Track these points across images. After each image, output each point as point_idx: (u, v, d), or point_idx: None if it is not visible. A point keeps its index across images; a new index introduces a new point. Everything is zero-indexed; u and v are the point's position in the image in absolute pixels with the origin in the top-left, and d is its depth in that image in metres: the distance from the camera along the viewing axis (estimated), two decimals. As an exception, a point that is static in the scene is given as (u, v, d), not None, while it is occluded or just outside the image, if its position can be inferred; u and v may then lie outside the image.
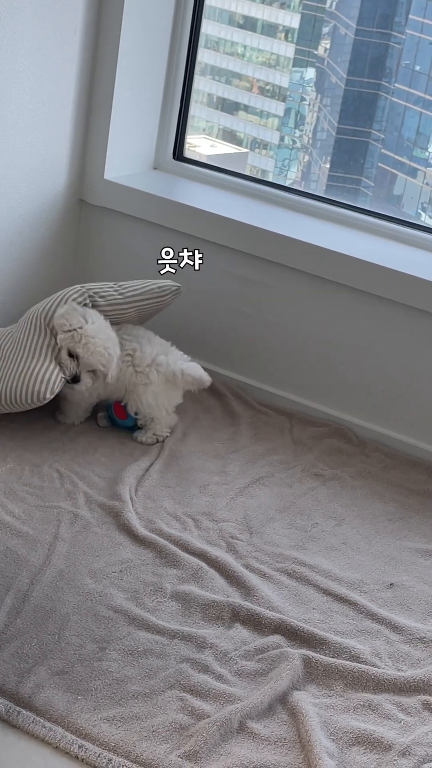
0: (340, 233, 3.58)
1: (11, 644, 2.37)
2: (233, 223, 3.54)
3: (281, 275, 3.51)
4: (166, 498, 3.00)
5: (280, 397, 3.58)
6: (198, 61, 3.82)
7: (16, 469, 3.01)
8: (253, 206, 3.70)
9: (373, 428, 3.45)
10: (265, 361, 3.61)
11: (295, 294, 3.51)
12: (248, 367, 3.64)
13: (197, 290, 3.67)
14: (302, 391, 3.56)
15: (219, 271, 3.62)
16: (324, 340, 3.50)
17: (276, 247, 3.48)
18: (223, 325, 3.66)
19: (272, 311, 3.56)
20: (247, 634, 2.52)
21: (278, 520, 2.97)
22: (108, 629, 2.47)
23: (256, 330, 3.60)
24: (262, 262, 3.53)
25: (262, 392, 3.60)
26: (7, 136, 3.45)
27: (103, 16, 3.57)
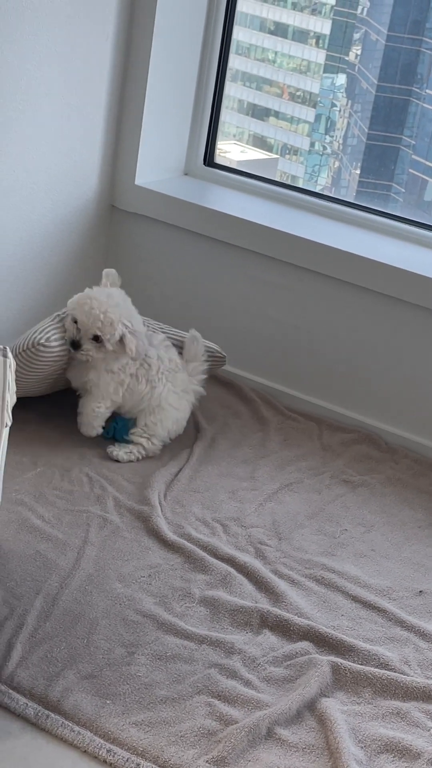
0: (370, 239, 3.57)
1: (40, 648, 2.38)
2: (263, 229, 3.54)
3: (310, 281, 3.51)
4: (194, 503, 3.00)
5: (310, 402, 3.57)
6: (229, 67, 3.82)
7: (46, 474, 3.03)
8: (283, 212, 3.70)
9: (403, 435, 3.44)
10: (294, 366, 3.61)
11: (324, 300, 3.51)
12: (277, 372, 3.64)
13: (227, 296, 3.67)
14: (332, 397, 3.56)
15: (248, 277, 3.62)
16: (353, 346, 3.49)
17: (305, 252, 3.48)
18: (251, 331, 3.66)
19: (302, 317, 3.56)
20: (275, 640, 2.52)
21: (307, 527, 2.97)
22: (136, 634, 2.47)
23: (285, 335, 3.60)
24: (291, 267, 3.53)
25: (291, 398, 3.60)
26: (38, 143, 3.47)
27: (134, 22, 3.59)
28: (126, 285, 3.84)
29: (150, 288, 3.82)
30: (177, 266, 3.74)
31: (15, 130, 3.37)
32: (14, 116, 3.35)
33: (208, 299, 3.72)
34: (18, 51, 3.28)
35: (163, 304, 3.81)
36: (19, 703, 2.24)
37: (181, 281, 3.76)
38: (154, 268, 3.79)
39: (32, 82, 3.36)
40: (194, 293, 3.75)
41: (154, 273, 3.79)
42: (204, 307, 3.73)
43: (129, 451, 3.14)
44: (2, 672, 2.30)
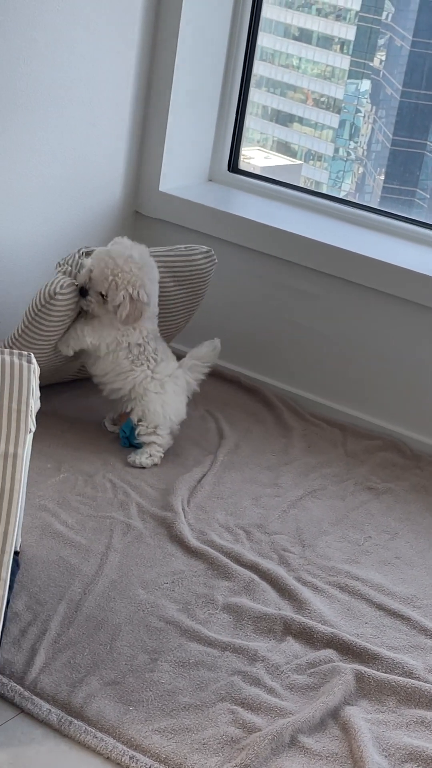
0: (394, 245, 3.56)
1: (64, 653, 2.38)
2: (287, 235, 3.54)
3: (335, 287, 3.50)
4: (218, 509, 2.99)
5: (334, 409, 3.56)
6: (253, 73, 3.82)
7: (70, 479, 3.03)
8: (307, 218, 3.70)
9: (428, 441, 3.43)
10: (318, 372, 3.60)
11: (349, 306, 3.50)
12: (301, 378, 3.63)
13: (251, 301, 3.67)
14: (356, 404, 3.54)
15: (272, 283, 3.61)
16: (377, 353, 3.48)
17: (330, 259, 3.47)
18: (275, 337, 3.66)
19: (325, 323, 3.55)
20: (299, 647, 2.51)
21: (331, 534, 2.96)
22: (159, 640, 2.47)
23: (309, 341, 3.59)
24: (315, 273, 3.52)
25: (315, 404, 3.59)
26: (63, 149, 3.48)
27: (159, 29, 3.59)
28: (150, 291, 3.84)
29: (174, 294, 3.82)
30: (201, 272, 3.74)
31: (40, 136, 3.39)
32: (39, 123, 3.37)
33: (232, 305, 3.72)
34: (43, 58, 3.29)
35: (186, 310, 3.81)
36: (42, 709, 2.24)
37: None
38: (178, 274, 3.79)
39: (57, 89, 3.37)
40: (218, 298, 3.74)
41: (177, 279, 3.80)
42: (228, 313, 3.73)
43: (149, 455, 3.14)
44: (25, 678, 2.30)
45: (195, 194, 3.76)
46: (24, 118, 3.31)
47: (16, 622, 2.45)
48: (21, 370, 2.23)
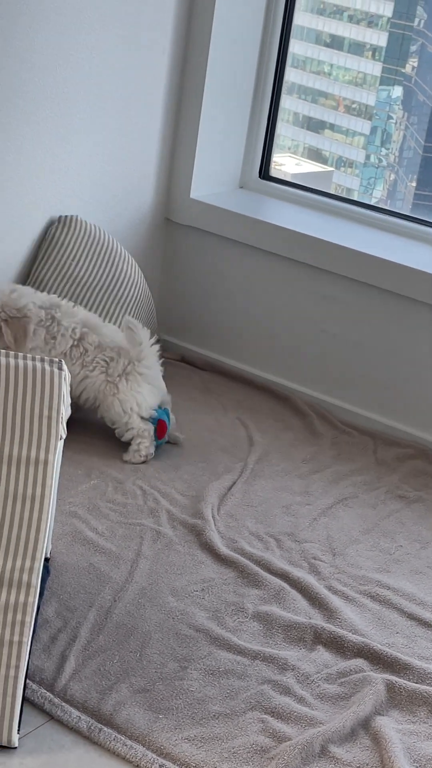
0: (426, 252, 3.54)
1: (93, 661, 2.38)
2: (318, 242, 3.53)
3: (366, 294, 3.49)
4: (248, 517, 2.99)
5: (364, 416, 3.55)
6: (285, 80, 3.82)
7: (100, 486, 3.03)
8: (338, 225, 3.69)
9: (459, 450, 3.41)
10: (348, 380, 3.59)
11: (380, 313, 3.48)
12: (331, 386, 3.62)
13: (281, 309, 3.66)
14: (387, 411, 3.53)
15: (303, 290, 3.61)
16: (409, 360, 3.46)
17: (360, 266, 3.46)
18: (306, 344, 3.65)
19: (357, 330, 3.54)
20: (329, 656, 2.50)
21: (362, 542, 2.94)
22: (189, 648, 2.47)
23: (339, 348, 3.58)
24: (346, 280, 3.51)
25: (345, 412, 3.58)
26: (94, 156, 3.49)
27: (191, 36, 3.60)
28: (181, 297, 3.86)
29: (205, 300, 3.82)
30: (231, 279, 3.74)
31: (72, 143, 3.40)
32: (72, 130, 3.38)
33: (263, 312, 3.71)
34: (75, 65, 3.31)
35: (217, 317, 3.81)
36: (72, 716, 2.24)
37: (235, 294, 3.76)
38: (209, 281, 3.79)
39: (89, 97, 3.38)
40: (248, 306, 3.74)
41: (208, 286, 3.80)
42: (258, 320, 3.73)
43: (135, 451, 3.17)
44: (56, 684, 2.30)
45: (226, 201, 3.76)
46: (56, 126, 3.32)
47: (46, 628, 2.45)
48: (52, 376, 2.23)
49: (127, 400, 3.16)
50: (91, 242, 3.45)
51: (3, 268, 3.36)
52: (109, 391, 3.16)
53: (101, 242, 3.47)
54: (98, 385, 3.16)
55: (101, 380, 3.16)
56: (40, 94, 3.24)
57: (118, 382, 3.16)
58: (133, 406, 3.16)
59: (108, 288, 3.47)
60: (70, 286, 3.41)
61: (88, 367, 3.15)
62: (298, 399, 3.62)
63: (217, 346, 3.83)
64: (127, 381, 3.16)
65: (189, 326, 3.87)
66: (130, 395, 3.16)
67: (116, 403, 3.16)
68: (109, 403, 3.16)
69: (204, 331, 3.85)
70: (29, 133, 3.26)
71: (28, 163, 3.29)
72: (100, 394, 3.17)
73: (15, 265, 3.40)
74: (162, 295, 3.88)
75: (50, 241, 3.41)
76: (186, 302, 3.87)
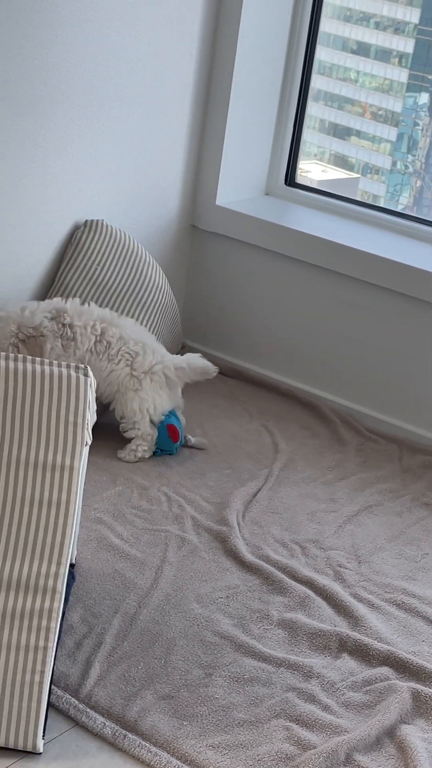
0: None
1: (118, 667, 2.38)
2: (344, 249, 3.52)
3: (392, 301, 3.48)
4: (273, 524, 2.98)
5: (390, 423, 3.54)
6: (311, 86, 3.82)
7: (125, 492, 3.03)
8: (364, 232, 3.68)
9: None
10: (373, 386, 3.58)
11: (407, 320, 3.47)
12: (357, 392, 3.61)
13: (307, 315, 3.66)
14: (413, 419, 3.51)
15: (329, 297, 3.60)
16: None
17: (386, 273, 3.45)
18: (331, 351, 3.64)
19: (382, 337, 3.53)
20: (354, 664, 2.49)
21: (387, 550, 2.93)
22: (214, 655, 2.46)
23: (365, 356, 3.57)
24: (372, 287, 3.50)
25: (371, 419, 3.57)
26: (121, 163, 3.50)
27: (218, 42, 3.61)
28: (206, 304, 3.86)
29: (230, 307, 3.83)
30: (257, 286, 3.74)
31: (99, 150, 3.41)
32: (98, 136, 3.39)
33: (288, 319, 3.71)
34: (102, 72, 3.32)
35: (243, 323, 3.81)
36: (96, 722, 2.24)
37: (261, 301, 3.76)
38: (235, 288, 3.79)
39: (116, 103, 3.40)
40: (274, 313, 3.74)
41: (234, 292, 3.80)
42: (283, 327, 3.72)
43: (131, 450, 3.18)
44: (80, 690, 2.31)
45: (252, 208, 3.76)
46: (82, 132, 3.34)
47: (71, 634, 2.45)
48: (77, 383, 2.24)
49: (146, 399, 3.16)
50: (117, 247, 3.46)
51: (30, 273, 3.38)
52: (131, 386, 3.16)
53: (127, 247, 3.48)
54: (122, 378, 3.17)
55: (126, 373, 3.16)
56: (66, 101, 3.25)
57: (143, 379, 3.16)
58: (150, 407, 3.17)
59: (133, 293, 3.48)
60: (95, 290, 3.42)
61: (114, 360, 3.16)
62: (323, 406, 3.62)
63: (242, 352, 3.83)
64: (152, 380, 3.17)
65: (214, 332, 3.87)
66: (150, 396, 3.16)
67: (136, 399, 3.16)
68: (129, 398, 3.17)
69: (229, 337, 3.85)
70: (56, 140, 3.27)
71: (54, 169, 3.31)
72: (121, 386, 3.17)
73: (40, 271, 3.41)
74: (187, 302, 3.88)
75: (76, 245, 3.42)
76: (211, 308, 3.87)
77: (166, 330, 3.61)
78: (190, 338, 3.88)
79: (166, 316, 3.60)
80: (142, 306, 3.50)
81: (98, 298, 3.41)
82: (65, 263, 3.42)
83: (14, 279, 3.33)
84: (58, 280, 3.42)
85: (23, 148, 3.19)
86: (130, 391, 3.17)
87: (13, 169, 3.19)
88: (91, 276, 3.42)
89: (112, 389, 3.18)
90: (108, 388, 3.18)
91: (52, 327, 3.13)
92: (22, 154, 3.20)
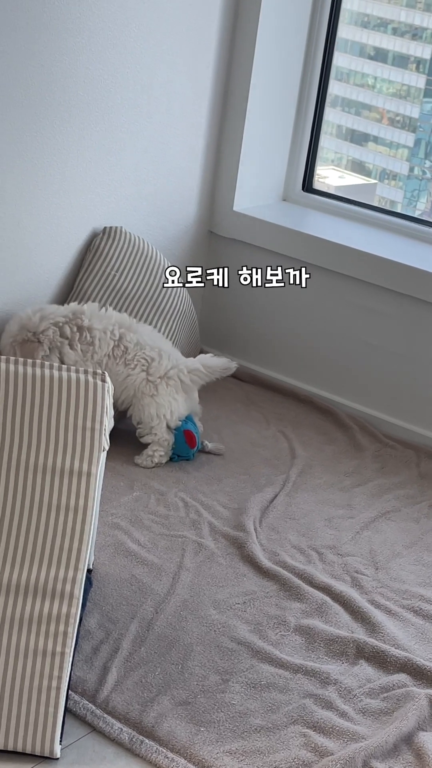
0: (470, 265, 3.52)
1: (135, 672, 2.38)
2: (362, 255, 3.52)
3: (409, 307, 3.47)
4: (290, 530, 2.98)
5: (407, 429, 3.53)
6: (328, 92, 3.82)
7: (142, 498, 3.04)
8: (381, 238, 3.68)
9: None
10: (391, 392, 3.57)
11: (423, 326, 3.46)
12: (374, 398, 3.60)
13: (325, 322, 3.66)
14: (430, 425, 3.51)
15: (347, 302, 3.60)
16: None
17: (404, 278, 3.45)
18: (348, 356, 3.64)
19: (401, 343, 3.52)
20: (371, 671, 2.48)
21: (405, 556, 2.92)
22: (231, 661, 2.46)
23: (383, 361, 3.57)
24: (390, 293, 3.50)
25: (388, 425, 3.56)
26: (139, 169, 3.51)
27: (235, 50, 3.61)
28: (224, 310, 3.86)
29: (248, 313, 3.83)
30: (275, 292, 3.74)
31: (118, 157, 3.42)
32: (117, 143, 3.40)
33: (305, 324, 3.71)
34: (120, 79, 3.33)
35: (260, 329, 3.81)
36: (113, 728, 2.24)
37: (278, 306, 3.76)
38: (251, 293, 3.79)
39: (134, 110, 3.40)
40: (291, 318, 3.74)
41: (252, 298, 3.80)
42: (300, 332, 3.72)
43: (147, 456, 3.18)
44: (97, 696, 2.31)
45: (269, 214, 3.76)
46: (100, 139, 3.35)
47: (88, 639, 2.46)
48: (95, 388, 2.24)
49: (163, 405, 3.16)
50: (135, 253, 3.47)
51: (48, 279, 3.39)
52: (147, 391, 3.17)
53: (145, 253, 3.49)
54: (138, 383, 3.17)
55: (141, 378, 3.17)
56: (85, 109, 3.26)
57: (158, 384, 3.17)
58: (167, 413, 3.17)
59: (151, 299, 3.48)
60: (113, 297, 3.42)
61: (130, 365, 3.17)
62: (340, 412, 3.61)
63: (259, 358, 3.83)
64: (168, 385, 3.17)
65: (231, 338, 3.87)
66: (166, 401, 3.17)
67: (153, 405, 3.17)
68: (145, 403, 3.17)
69: (246, 343, 3.85)
70: (74, 147, 3.28)
71: (73, 176, 3.32)
72: (138, 392, 3.18)
73: (59, 276, 3.42)
74: (205, 307, 3.89)
75: (94, 251, 3.43)
76: (228, 314, 3.87)
77: (184, 337, 3.61)
78: (208, 344, 3.89)
79: (184, 323, 3.60)
80: (160, 313, 3.51)
81: (117, 304, 3.42)
82: (84, 269, 3.43)
83: (33, 284, 3.34)
84: (77, 286, 3.42)
85: (41, 156, 3.21)
86: (147, 397, 3.17)
87: (32, 176, 3.20)
88: (109, 282, 3.43)
89: (128, 394, 3.19)
90: (124, 393, 3.19)
91: (55, 336, 3.13)
92: (40, 162, 3.21)
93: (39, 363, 2.26)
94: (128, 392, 3.19)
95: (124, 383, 3.18)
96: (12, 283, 3.29)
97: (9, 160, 3.13)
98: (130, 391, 3.19)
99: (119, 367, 3.17)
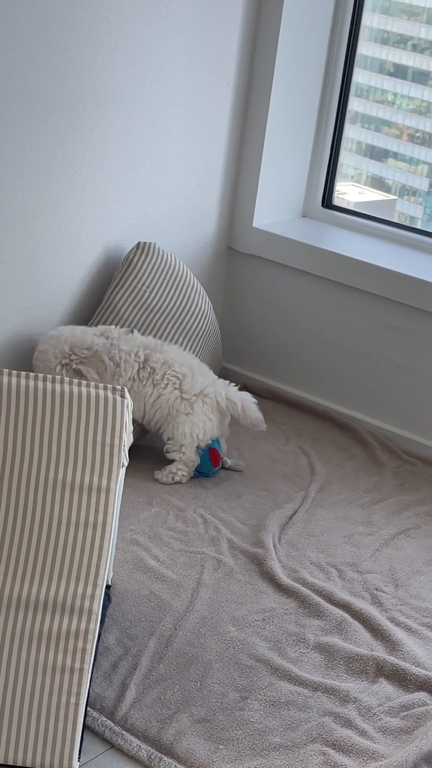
0: None
1: (154, 689, 2.37)
2: (382, 271, 3.51)
3: (429, 323, 3.46)
4: (309, 547, 2.97)
5: (428, 446, 3.52)
6: (348, 108, 3.82)
7: (161, 514, 3.03)
8: (401, 254, 3.67)
9: None
10: (411, 409, 3.56)
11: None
12: (394, 415, 3.59)
13: (345, 337, 3.65)
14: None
15: (368, 319, 3.59)
16: (473, 390, 3.43)
17: (424, 294, 3.44)
18: (368, 372, 3.63)
19: (420, 359, 3.51)
20: (391, 689, 2.46)
21: (425, 573, 2.91)
22: (250, 678, 2.45)
23: (404, 378, 3.56)
24: (411, 309, 3.49)
25: (408, 441, 3.55)
26: (158, 185, 3.51)
27: (255, 66, 3.62)
28: (243, 325, 3.86)
29: (267, 328, 3.82)
30: (294, 307, 3.74)
31: (137, 173, 3.43)
32: (136, 159, 3.41)
33: (325, 340, 3.70)
34: (140, 96, 3.34)
35: (279, 345, 3.81)
36: (132, 745, 2.23)
37: (297, 322, 3.75)
38: (271, 309, 3.79)
39: (154, 126, 3.41)
40: (311, 334, 3.73)
41: (270, 314, 3.80)
42: (320, 348, 3.72)
43: (169, 473, 3.17)
44: (116, 712, 2.30)
45: (289, 230, 3.76)
46: (120, 155, 3.36)
47: (107, 656, 2.45)
48: (114, 404, 2.24)
49: (197, 424, 3.15)
50: (167, 270, 3.45)
51: (67, 296, 3.39)
52: (182, 409, 3.15)
53: (176, 271, 3.47)
54: (172, 401, 3.15)
55: (175, 396, 3.15)
56: (105, 125, 3.28)
57: (194, 402, 3.15)
58: (200, 433, 3.16)
59: (179, 318, 3.47)
60: (142, 313, 3.40)
61: (160, 385, 3.15)
62: (360, 428, 3.60)
63: (278, 374, 3.83)
64: (204, 404, 3.16)
65: (251, 354, 3.87)
66: (201, 420, 3.15)
67: (187, 423, 3.14)
68: (180, 421, 3.15)
69: (266, 359, 3.84)
70: (94, 163, 3.29)
71: (93, 193, 3.32)
72: (172, 410, 3.15)
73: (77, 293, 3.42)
74: (224, 323, 3.89)
75: (127, 266, 3.40)
76: (248, 330, 3.87)
77: (207, 357, 3.59)
78: (227, 359, 3.89)
79: (208, 343, 3.59)
80: (186, 332, 3.49)
81: (145, 320, 3.40)
82: (115, 284, 3.40)
83: (51, 301, 3.34)
84: (107, 300, 3.39)
85: (63, 172, 3.22)
86: (182, 415, 3.15)
87: (53, 192, 3.21)
88: (140, 298, 3.40)
89: (162, 413, 3.17)
90: (157, 414, 3.17)
91: (102, 342, 3.12)
92: (61, 178, 3.22)
93: (59, 378, 2.26)
94: (162, 412, 3.17)
95: (157, 404, 3.16)
96: (28, 298, 3.28)
97: (31, 178, 3.14)
98: (164, 411, 3.17)
99: (147, 389, 3.15)
